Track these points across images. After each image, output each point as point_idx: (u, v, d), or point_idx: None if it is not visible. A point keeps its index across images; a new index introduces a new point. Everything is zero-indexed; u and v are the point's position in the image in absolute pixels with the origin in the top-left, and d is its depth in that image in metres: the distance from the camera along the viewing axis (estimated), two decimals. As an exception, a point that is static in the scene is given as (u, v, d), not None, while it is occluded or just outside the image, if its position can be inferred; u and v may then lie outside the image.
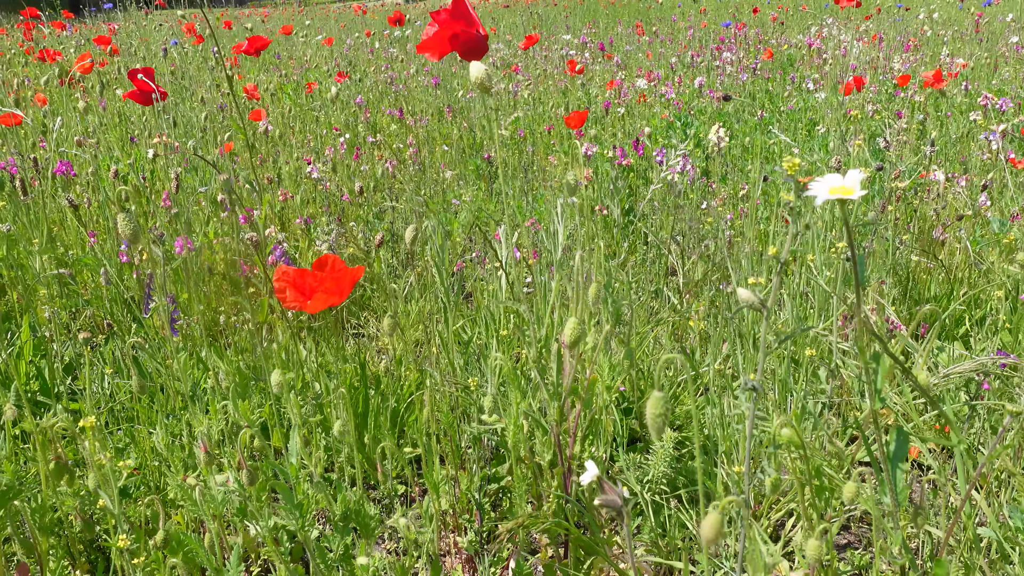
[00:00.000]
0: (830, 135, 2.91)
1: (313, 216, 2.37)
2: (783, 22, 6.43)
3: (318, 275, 0.87)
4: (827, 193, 0.65)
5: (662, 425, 0.60)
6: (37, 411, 1.64)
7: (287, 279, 0.87)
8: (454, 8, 1.01)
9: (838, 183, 0.66)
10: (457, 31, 0.98)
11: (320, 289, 0.85)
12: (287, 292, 0.86)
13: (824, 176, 0.66)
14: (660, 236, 2.22)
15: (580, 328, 0.81)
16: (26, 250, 2.03)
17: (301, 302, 0.86)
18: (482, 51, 1.00)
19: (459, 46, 1.00)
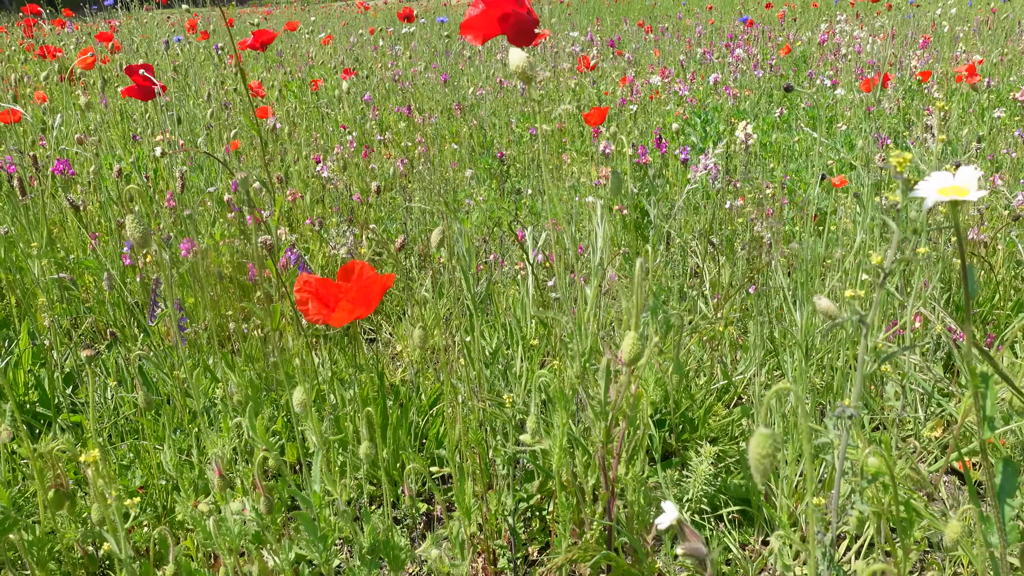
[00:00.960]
0: (853, 133, 2.82)
1: (323, 216, 2.28)
2: (795, 19, 6.34)
3: (344, 285, 0.78)
4: (936, 194, 0.57)
5: (768, 468, 0.52)
6: (36, 423, 1.56)
7: (309, 289, 0.78)
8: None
9: (948, 182, 0.58)
10: (507, 10, 0.89)
11: (346, 300, 0.77)
12: (309, 304, 0.78)
13: (931, 175, 0.57)
14: (684, 237, 2.13)
15: (640, 345, 0.73)
16: (24, 252, 1.95)
17: (325, 315, 0.77)
18: (532, 35, 0.91)
19: (508, 28, 0.90)
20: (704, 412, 1.52)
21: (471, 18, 0.87)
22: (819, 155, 2.54)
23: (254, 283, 1.95)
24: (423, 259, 2.37)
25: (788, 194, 2.29)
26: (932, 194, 0.57)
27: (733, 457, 1.45)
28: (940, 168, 1.30)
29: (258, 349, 1.62)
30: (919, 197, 0.57)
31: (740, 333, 1.93)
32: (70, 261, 2.06)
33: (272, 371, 1.49)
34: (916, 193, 0.57)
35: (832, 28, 6.01)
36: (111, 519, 0.78)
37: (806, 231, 2.01)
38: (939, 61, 4.71)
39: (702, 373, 1.72)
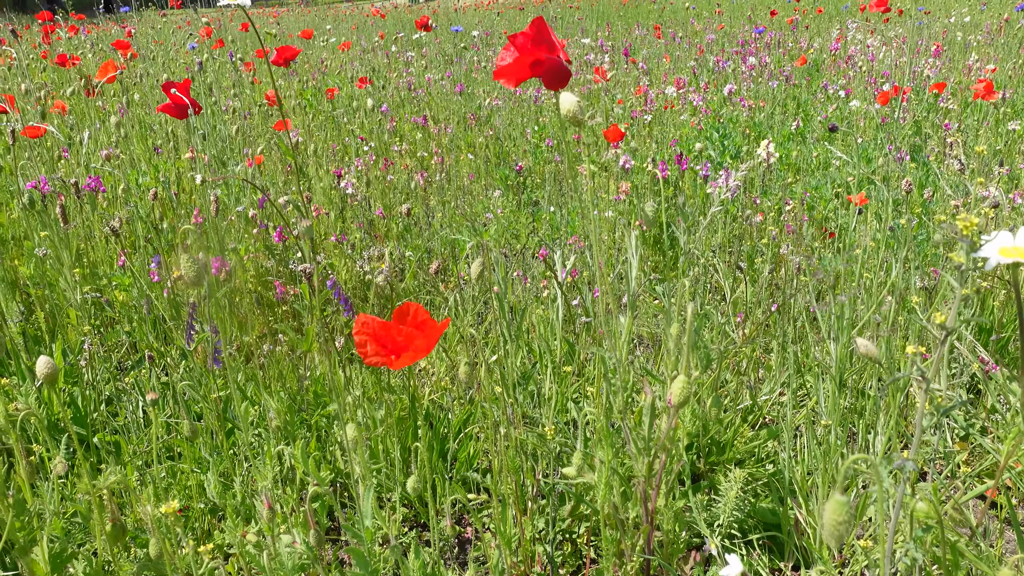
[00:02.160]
0: (871, 147, 2.83)
1: (346, 231, 2.30)
2: (807, 26, 6.34)
3: (402, 329, 0.80)
4: (999, 255, 0.58)
5: (844, 534, 0.54)
6: (71, 441, 1.58)
7: (368, 331, 0.80)
8: (535, 32, 0.93)
9: (1009, 243, 0.59)
10: (540, 57, 0.91)
11: (407, 346, 0.78)
12: (368, 347, 0.79)
13: (995, 235, 0.59)
14: (706, 255, 2.15)
15: (689, 388, 0.75)
16: (55, 269, 1.98)
17: (384, 357, 0.79)
18: (566, 78, 0.93)
19: (542, 73, 0.92)
20: (732, 434, 1.54)
21: (505, 66, 0.89)
22: (837, 170, 2.55)
23: (280, 299, 1.97)
24: (443, 272, 2.39)
25: (808, 210, 2.30)
26: (994, 255, 0.58)
27: (760, 480, 1.46)
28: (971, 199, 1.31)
29: (288, 369, 1.64)
30: (982, 257, 0.58)
31: (763, 352, 1.94)
32: (99, 277, 2.08)
33: (305, 394, 1.51)
34: (979, 254, 0.59)
35: (843, 35, 6.02)
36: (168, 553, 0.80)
37: (832, 252, 2.02)
38: (952, 71, 4.72)
39: (728, 393, 1.73)
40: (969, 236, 0.59)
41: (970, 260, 0.59)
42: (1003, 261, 0.57)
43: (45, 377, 0.80)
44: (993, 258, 0.58)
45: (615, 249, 2.32)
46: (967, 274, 0.59)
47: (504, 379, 1.25)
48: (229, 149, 2.32)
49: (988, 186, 2.15)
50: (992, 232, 0.59)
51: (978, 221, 0.58)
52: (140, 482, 1.36)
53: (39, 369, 0.81)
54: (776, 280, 2.04)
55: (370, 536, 0.87)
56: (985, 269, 0.56)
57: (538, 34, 0.93)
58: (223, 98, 3.38)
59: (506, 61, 0.95)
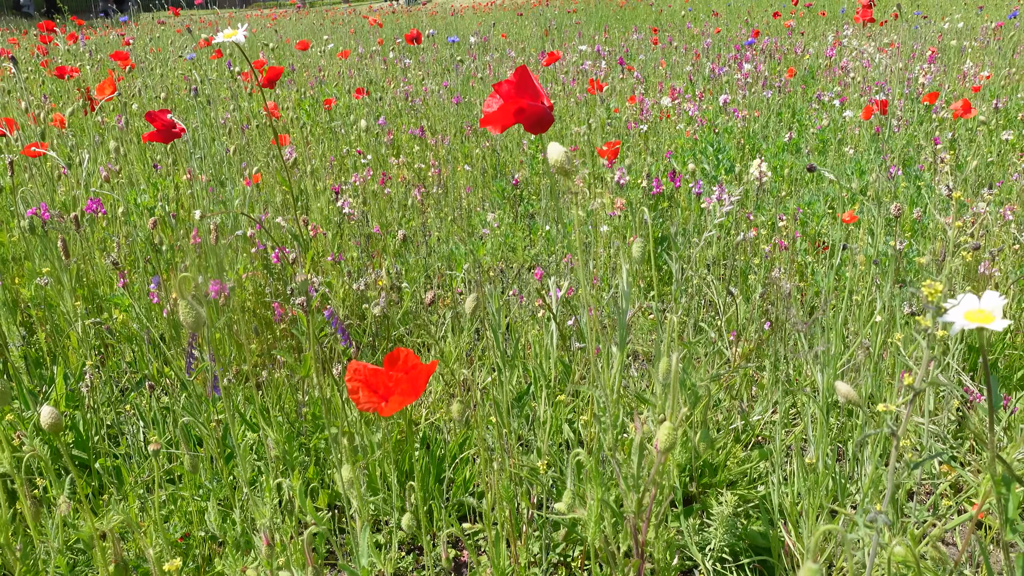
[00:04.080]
0: (863, 159, 2.85)
1: (342, 248, 2.33)
2: (802, 32, 6.36)
3: (392, 375, 0.82)
4: (964, 320, 0.60)
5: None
6: (72, 467, 1.60)
7: (359, 378, 0.82)
8: (518, 80, 0.96)
9: (975, 306, 0.62)
10: (523, 105, 0.94)
11: (396, 391, 0.81)
12: (360, 393, 0.82)
13: (960, 297, 0.61)
14: (700, 272, 2.17)
15: (675, 435, 0.77)
16: (55, 290, 2.00)
17: (375, 404, 0.81)
18: (548, 123, 0.96)
19: (524, 119, 0.96)
20: (725, 456, 1.56)
21: (491, 113, 0.92)
22: (830, 184, 2.57)
23: (279, 320, 1.99)
24: (442, 288, 2.41)
25: (801, 226, 2.32)
26: (960, 320, 0.61)
27: (752, 502, 1.49)
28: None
29: (287, 393, 1.66)
30: (948, 322, 0.60)
31: (756, 369, 1.96)
32: (99, 297, 2.11)
33: (303, 421, 1.53)
34: (945, 318, 0.61)
35: (838, 40, 6.04)
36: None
37: (825, 268, 2.04)
38: (947, 75, 4.74)
39: (720, 412, 1.75)
40: (934, 303, 0.61)
41: (936, 324, 0.62)
42: (968, 326, 0.60)
43: (49, 427, 0.83)
44: (958, 323, 0.61)
45: (610, 267, 2.35)
46: (933, 338, 0.61)
47: (498, 407, 1.28)
48: (227, 168, 2.35)
49: (977, 203, 2.18)
50: (959, 296, 0.62)
51: (942, 288, 0.60)
52: (141, 508, 1.38)
53: (43, 420, 0.83)
54: (769, 298, 2.07)
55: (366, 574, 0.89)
56: (951, 333, 0.59)
57: (521, 82, 0.96)
58: (221, 111, 3.40)
59: (492, 108, 0.98)
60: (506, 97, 0.96)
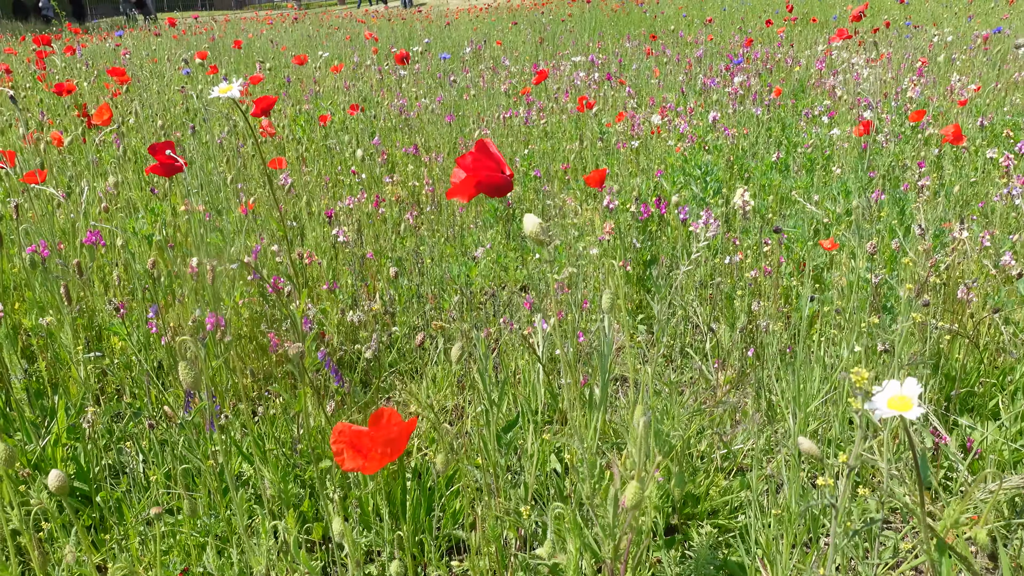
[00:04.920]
0: (849, 178, 2.91)
1: (336, 275, 2.37)
2: (792, 44, 6.41)
3: (373, 433, 0.87)
4: (887, 408, 0.66)
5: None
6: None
7: (344, 440, 0.88)
8: (477, 153, 1.03)
9: (896, 392, 0.67)
10: (481, 179, 1.01)
11: (378, 450, 0.86)
12: (344, 454, 0.87)
13: (885, 384, 0.66)
14: (686, 298, 2.23)
15: (641, 493, 0.82)
16: (56, 318, 2.04)
17: (359, 464, 0.87)
18: (507, 189, 1.03)
19: (484, 190, 1.03)
20: (707, 486, 1.61)
21: (456, 185, 1.00)
22: (816, 205, 2.62)
23: (274, 350, 2.04)
24: (435, 310, 2.45)
25: (786, 250, 2.37)
26: (883, 407, 0.66)
27: (733, 531, 1.54)
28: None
29: (282, 422, 1.71)
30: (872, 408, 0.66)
31: (738, 393, 2.02)
32: (97, 326, 2.15)
33: (299, 457, 1.58)
34: (869, 405, 0.66)
35: (829, 51, 6.10)
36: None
37: (808, 289, 2.09)
38: (936, 87, 4.79)
39: (703, 439, 1.80)
40: (862, 389, 0.66)
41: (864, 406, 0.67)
42: (887, 414, 0.65)
43: (56, 490, 0.88)
44: (881, 409, 0.66)
45: (600, 290, 2.40)
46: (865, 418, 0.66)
47: (486, 446, 1.33)
48: (223, 194, 2.39)
49: (956, 228, 2.23)
50: (884, 382, 0.67)
51: (868, 375, 0.65)
52: (142, 542, 1.43)
53: (51, 484, 0.88)
54: (754, 321, 2.12)
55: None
56: (874, 418, 0.64)
57: (480, 155, 1.03)
58: (216, 131, 3.44)
59: (457, 179, 1.05)
60: (467, 170, 1.03)
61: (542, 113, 4.33)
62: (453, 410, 2.07)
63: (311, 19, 14.37)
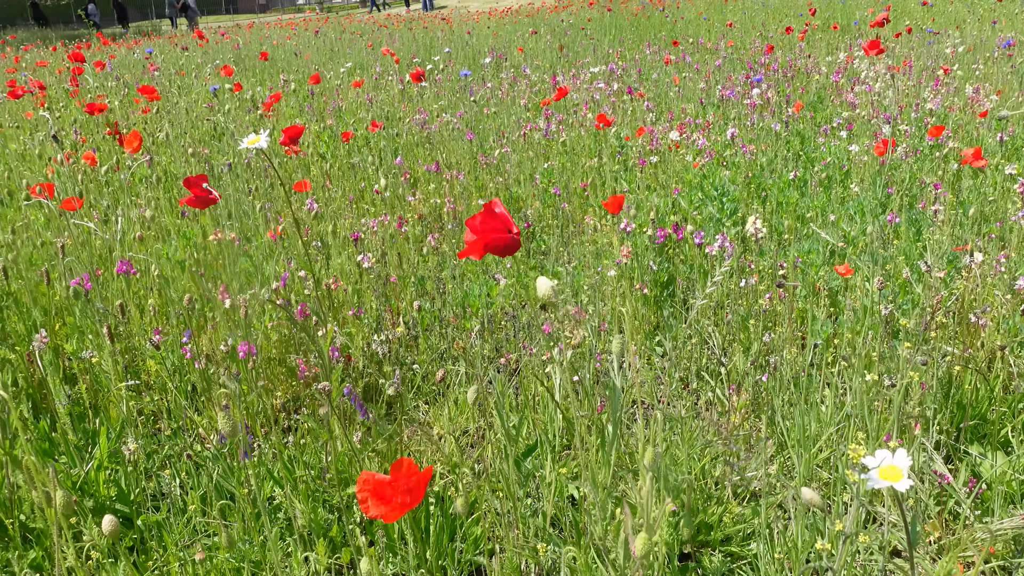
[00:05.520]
0: (866, 197, 2.94)
1: (361, 299, 2.45)
2: (809, 55, 6.41)
3: (396, 484, 0.94)
4: (879, 478, 0.71)
5: None
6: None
7: (368, 488, 0.95)
8: (485, 216, 1.10)
9: (888, 462, 0.72)
10: (488, 241, 1.08)
11: (398, 498, 0.93)
12: (369, 502, 0.94)
13: (877, 454, 0.72)
14: (701, 323, 2.27)
15: (651, 544, 0.88)
16: (94, 344, 2.14)
17: (382, 512, 0.94)
18: (514, 248, 1.10)
19: (493, 251, 1.10)
20: (720, 513, 1.67)
21: (469, 245, 1.07)
22: (832, 226, 2.66)
23: (302, 377, 2.12)
24: (456, 329, 2.52)
25: (800, 274, 2.41)
26: (875, 478, 0.71)
27: (745, 559, 1.59)
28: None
29: (311, 448, 1.79)
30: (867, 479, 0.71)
31: (752, 417, 2.06)
32: (132, 348, 2.24)
33: (328, 485, 1.65)
34: (865, 476, 0.72)
35: (850, 58, 6.09)
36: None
37: (824, 314, 2.13)
38: (957, 95, 4.78)
39: (717, 465, 1.86)
40: (857, 464, 0.72)
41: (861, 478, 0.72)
42: (880, 485, 0.70)
43: (109, 535, 0.95)
44: (874, 480, 0.71)
45: (616, 314, 2.45)
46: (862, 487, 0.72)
47: (506, 481, 1.39)
48: (251, 219, 2.48)
49: (970, 255, 2.26)
50: (877, 452, 0.72)
51: (864, 451, 0.71)
52: (181, 566, 1.51)
53: (104, 528, 0.96)
54: (769, 346, 2.16)
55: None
56: (867, 488, 0.69)
57: (488, 217, 1.10)
58: (243, 153, 3.53)
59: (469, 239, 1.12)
60: (476, 232, 1.11)
61: (561, 126, 4.39)
62: (475, 432, 2.14)
63: (332, 25, 14.50)
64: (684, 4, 12.03)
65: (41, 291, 2.40)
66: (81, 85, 5.47)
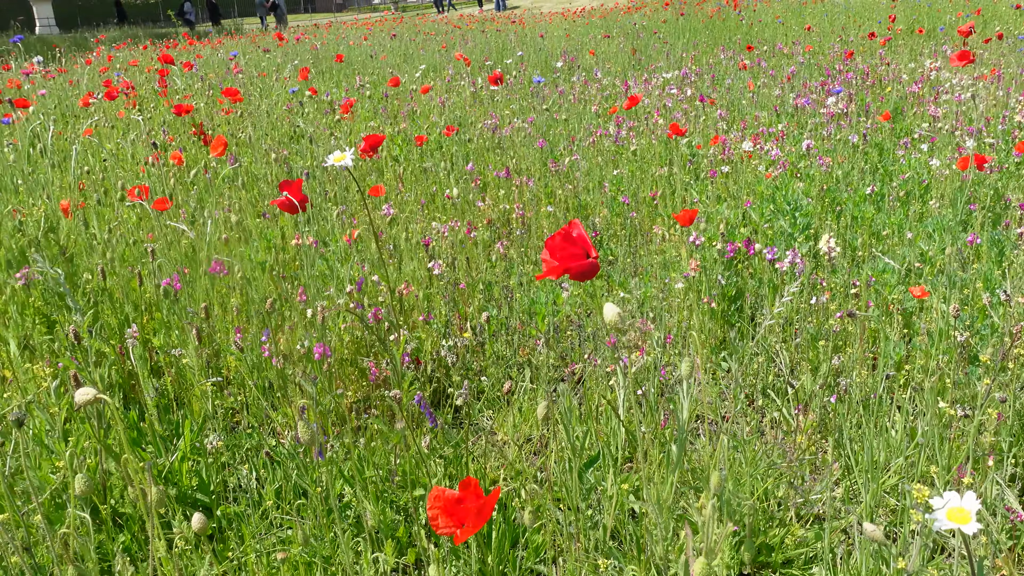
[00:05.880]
0: (946, 215, 2.85)
1: (431, 304, 2.51)
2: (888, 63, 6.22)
3: (465, 503, 0.99)
4: (947, 520, 0.72)
5: None
6: (196, 509, 1.83)
7: (439, 505, 0.99)
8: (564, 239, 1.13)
9: (956, 504, 0.73)
10: (569, 266, 1.11)
11: (467, 519, 0.98)
12: (439, 519, 0.99)
13: (946, 496, 0.72)
14: (768, 340, 2.26)
15: (709, 568, 0.90)
16: (179, 340, 2.25)
17: (452, 530, 0.98)
18: (593, 274, 1.12)
19: (573, 275, 1.12)
20: (782, 534, 1.66)
21: (547, 268, 1.10)
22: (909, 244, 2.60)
23: (373, 380, 2.19)
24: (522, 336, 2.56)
25: (874, 294, 2.37)
26: (943, 518, 0.72)
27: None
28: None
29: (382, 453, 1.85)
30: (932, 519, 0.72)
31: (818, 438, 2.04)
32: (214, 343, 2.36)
33: (395, 488, 1.72)
34: (931, 515, 0.72)
35: (934, 66, 5.89)
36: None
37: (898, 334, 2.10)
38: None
39: (780, 485, 1.85)
40: (922, 504, 0.72)
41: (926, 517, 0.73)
42: (947, 526, 0.71)
43: (199, 531, 1.02)
44: (941, 521, 0.72)
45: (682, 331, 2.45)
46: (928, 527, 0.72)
47: (568, 494, 1.42)
48: (328, 223, 2.57)
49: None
50: (945, 494, 0.72)
51: (928, 493, 0.71)
52: (257, 558, 1.60)
53: (195, 525, 1.03)
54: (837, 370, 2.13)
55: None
56: (935, 530, 0.70)
57: (567, 239, 1.13)
58: (322, 154, 3.65)
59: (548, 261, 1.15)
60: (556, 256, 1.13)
61: (632, 132, 4.39)
62: (538, 440, 2.17)
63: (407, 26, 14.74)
64: (761, 7, 11.81)
65: (132, 286, 2.54)
66: (169, 86, 5.72)
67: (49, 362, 2.15)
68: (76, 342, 1.54)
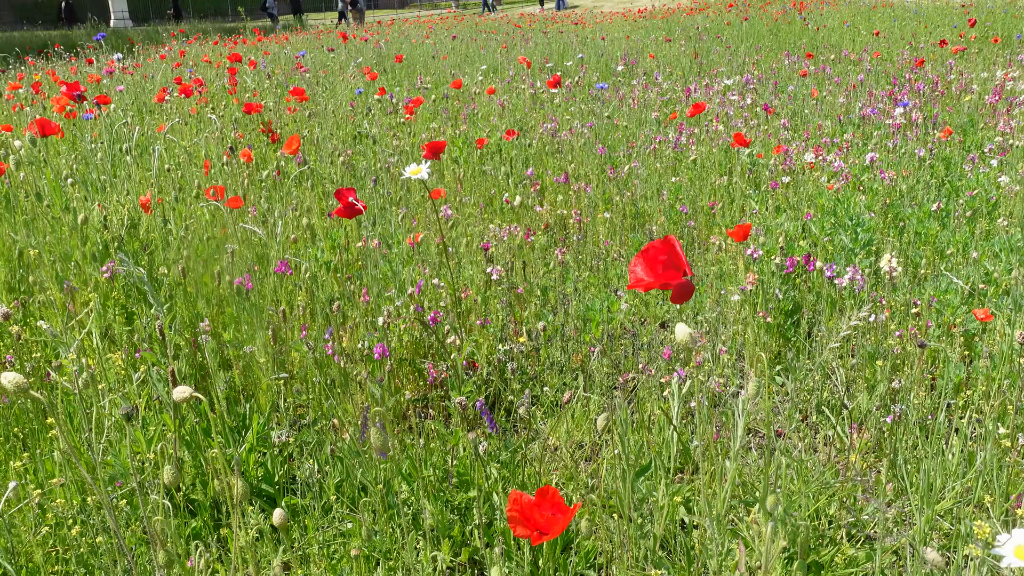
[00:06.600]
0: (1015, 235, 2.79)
1: (489, 309, 2.57)
2: (962, 73, 6.05)
3: (543, 511, 1.03)
4: (1014, 557, 0.73)
5: None
6: (259, 499, 1.92)
7: (518, 509, 1.04)
8: (666, 254, 1.11)
9: (1022, 541, 0.74)
10: (669, 280, 1.09)
11: (544, 527, 1.02)
12: (517, 522, 1.03)
13: (1016, 533, 0.74)
14: (825, 357, 2.25)
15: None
16: (247, 334, 2.35)
17: (529, 533, 1.03)
18: (690, 294, 1.11)
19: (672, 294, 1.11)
20: (832, 553, 1.67)
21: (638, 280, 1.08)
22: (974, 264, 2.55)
23: (432, 382, 2.26)
24: (576, 342, 2.60)
25: (935, 314, 2.34)
26: (1010, 555, 0.73)
27: (855, 604, 1.59)
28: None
29: (439, 454, 1.91)
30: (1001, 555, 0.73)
31: (872, 458, 2.03)
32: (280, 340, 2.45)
33: (452, 490, 1.77)
34: (997, 551, 0.74)
35: (1008, 75, 5.72)
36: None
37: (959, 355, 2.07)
38: None
39: (832, 504, 1.85)
40: (983, 540, 0.74)
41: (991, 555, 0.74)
42: (1016, 564, 0.72)
43: (279, 526, 1.09)
44: (1009, 558, 0.73)
45: (737, 344, 2.46)
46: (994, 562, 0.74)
47: (620, 501, 1.46)
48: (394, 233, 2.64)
49: None
50: (1014, 532, 0.74)
51: (988, 528, 0.73)
52: (319, 548, 1.67)
53: (276, 520, 1.10)
54: (894, 394, 2.12)
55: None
56: (1001, 566, 0.71)
57: (669, 258, 1.11)
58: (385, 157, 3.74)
59: (638, 270, 1.14)
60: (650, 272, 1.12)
61: (691, 139, 4.37)
62: (589, 447, 2.21)
63: (468, 24, 14.85)
64: (828, 10, 11.58)
65: (204, 281, 2.66)
66: (238, 83, 5.90)
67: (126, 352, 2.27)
68: (160, 337, 1.63)
